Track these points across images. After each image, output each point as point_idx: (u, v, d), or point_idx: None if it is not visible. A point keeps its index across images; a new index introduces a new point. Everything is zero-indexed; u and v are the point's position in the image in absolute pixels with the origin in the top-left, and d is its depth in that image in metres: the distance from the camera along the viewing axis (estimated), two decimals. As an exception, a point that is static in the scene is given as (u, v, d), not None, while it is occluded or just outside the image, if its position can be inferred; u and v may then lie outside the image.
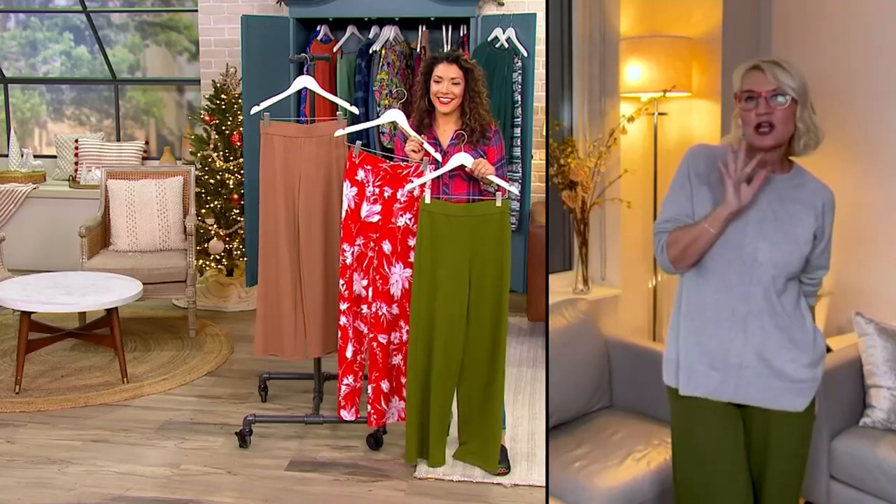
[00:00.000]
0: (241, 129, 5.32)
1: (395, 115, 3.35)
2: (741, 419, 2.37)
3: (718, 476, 2.36)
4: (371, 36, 5.23)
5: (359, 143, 3.35)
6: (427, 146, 3.28)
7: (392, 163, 3.33)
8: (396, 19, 5.16)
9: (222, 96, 5.51)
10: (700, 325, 2.34)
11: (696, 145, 2.38)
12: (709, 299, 2.32)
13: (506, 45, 4.84)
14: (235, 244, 5.48)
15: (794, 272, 2.27)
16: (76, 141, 6.72)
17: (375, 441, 3.58)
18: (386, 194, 3.31)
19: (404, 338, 3.40)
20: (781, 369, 2.28)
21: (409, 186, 3.26)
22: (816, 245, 2.28)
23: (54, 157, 6.96)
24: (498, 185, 3.21)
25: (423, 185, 3.21)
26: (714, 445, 2.36)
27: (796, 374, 2.29)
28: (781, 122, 2.17)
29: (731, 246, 2.26)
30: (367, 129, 3.37)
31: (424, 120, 3.34)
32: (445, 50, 5.14)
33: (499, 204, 3.18)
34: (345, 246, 3.39)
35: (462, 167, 3.23)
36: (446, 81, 3.24)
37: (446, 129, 3.35)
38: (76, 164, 6.64)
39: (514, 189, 3.26)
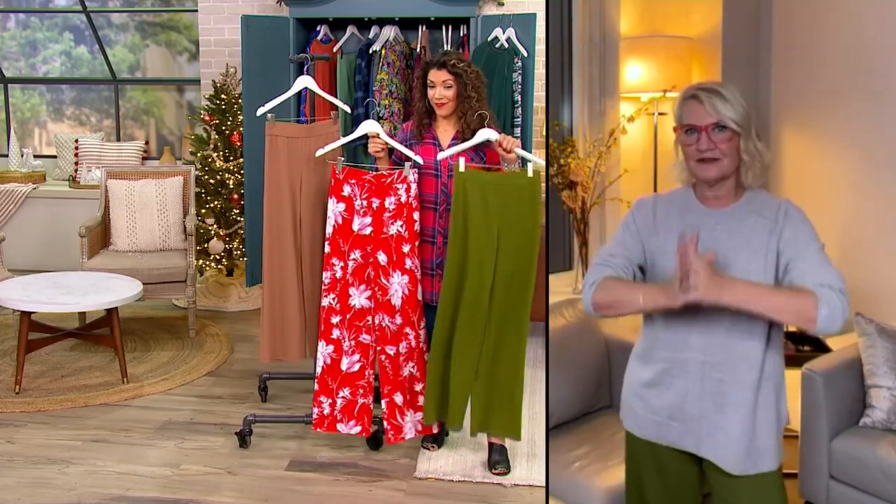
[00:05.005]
0: (241, 129, 5.32)
1: (370, 126, 3.37)
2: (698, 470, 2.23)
3: None
4: (371, 36, 5.23)
5: (341, 159, 3.38)
6: (398, 146, 3.35)
7: (375, 173, 3.36)
8: (396, 19, 5.16)
9: (222, 96, 5.52)
10: (656, 374, 2.19)
11: (639, 200, 2.24)
12: (667, 347, 2.16)
13: (506, 46, 4.83)
14: (235, 244, 5.48)
15: None
16: (76, 141, 6.72)
17: (375, 441, 3.58)
18: (374, 205, 3.34)
19: (413, 344, 3.41)
20: (741, 425, 2.09)
21: (442, 155, 3.28)
22: (787, 262, 2.02)
23: (54, 157, 6.96)
24: (521, 159, 3.24)
25: (457, 154, 3.24)
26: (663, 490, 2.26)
27: (757, 433, 2.10)
28: (725, 155, 2.04)
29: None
30: (364, 133, 3.40)
31: (424, 120, 3.40)
32: (445, 50, 5.15)
33: (530, 174, 3.18)
34: (334, 260, 3.39)
35: (484, 146, 3.28)
36: (439, 86, 3.30)
37: (447, 129, 3.40)
38: (76, 164, 6.64)
39: (540, 160, 3.27)
